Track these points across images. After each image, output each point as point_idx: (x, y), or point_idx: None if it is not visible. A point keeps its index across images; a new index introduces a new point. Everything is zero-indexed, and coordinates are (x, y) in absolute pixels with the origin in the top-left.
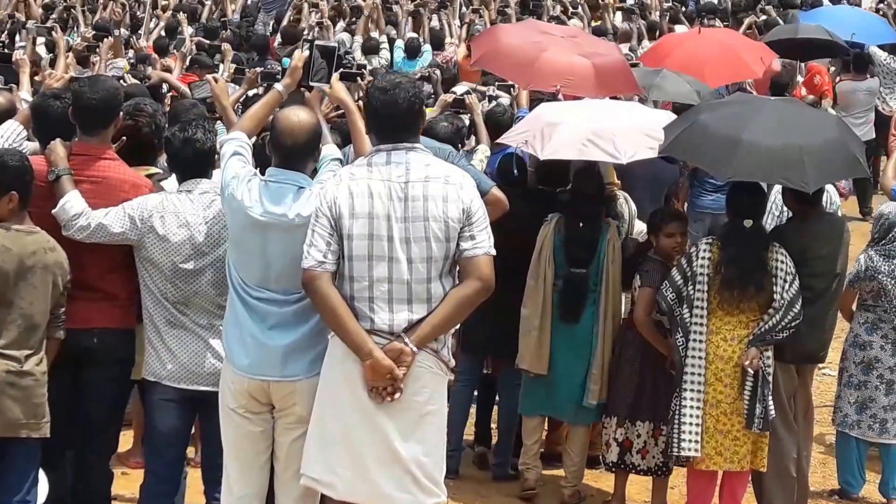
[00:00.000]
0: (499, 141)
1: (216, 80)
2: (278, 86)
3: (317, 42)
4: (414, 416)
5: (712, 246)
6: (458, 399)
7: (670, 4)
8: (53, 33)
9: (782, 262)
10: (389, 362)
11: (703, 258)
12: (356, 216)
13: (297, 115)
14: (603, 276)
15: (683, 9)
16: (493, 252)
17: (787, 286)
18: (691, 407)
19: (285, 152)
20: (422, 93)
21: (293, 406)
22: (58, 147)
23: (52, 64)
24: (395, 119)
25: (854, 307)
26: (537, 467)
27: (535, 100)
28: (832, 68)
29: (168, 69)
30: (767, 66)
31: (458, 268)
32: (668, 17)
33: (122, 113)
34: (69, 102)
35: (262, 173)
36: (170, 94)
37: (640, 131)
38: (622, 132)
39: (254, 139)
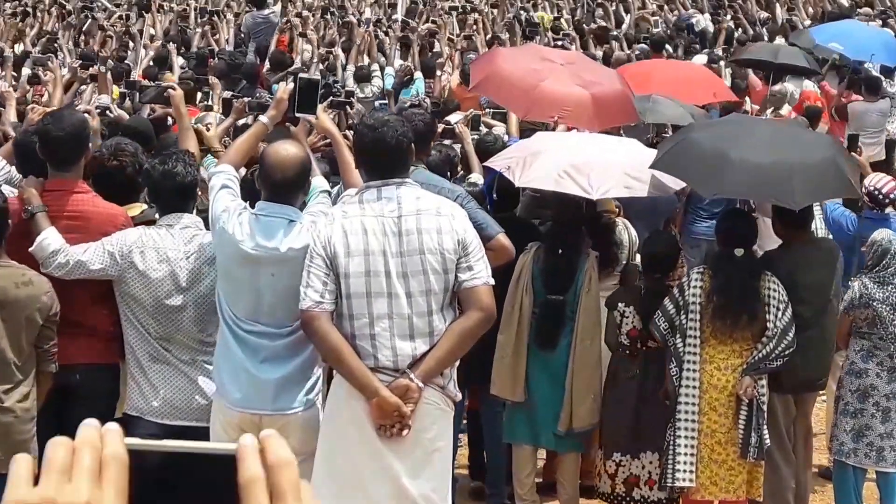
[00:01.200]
0: (486, 164)
1: (174, 90)
2: (263, 118)
3: (301, 74)
4: (422, 454)
5: (704, 275)
6: None
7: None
8: (49, 63)
9: (774, 290)
10: (396, 400)
11: (694, 287)
12: (352, 254)
13: (286, 150)
14: (579, 305)
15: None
16: (492, 281)
17: (780, 314)
18: (686, 437)
19: (275, 186)
20: (409, 130)
21: (286, 439)
22: (30, 185)
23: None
24: (383, 157)
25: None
26: (535, 502)
27: (528, 129)
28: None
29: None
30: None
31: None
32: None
33: (105, 153)
34: None
35: (252, 206)
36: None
37: (621, 169)
38: (600, 168)
39: (243, 172)
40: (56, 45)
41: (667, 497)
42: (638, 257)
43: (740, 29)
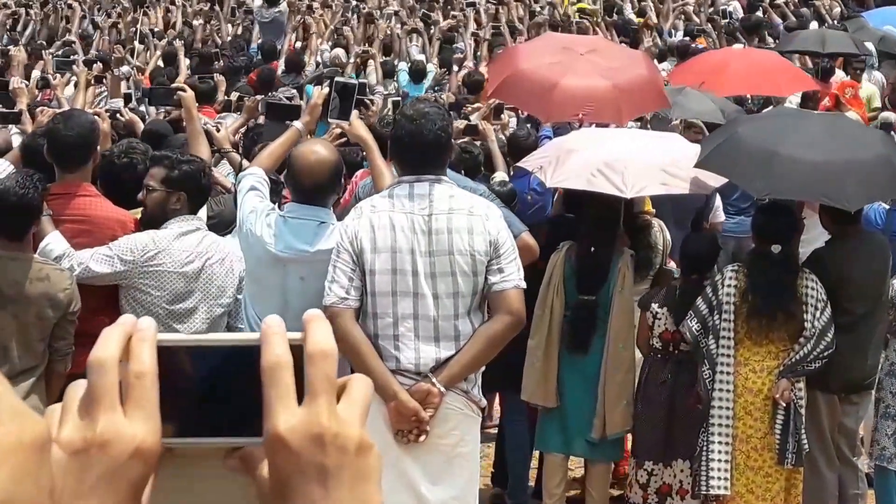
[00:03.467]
0: (518, 164)
1: (185, 91)
2: (297, 124)
3: (337, 78)
4: (442, 460)
5: (738, 273)
6: None
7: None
8: (75, 67)
9: (813, 288)
10: (415, 404)
11: (728, 286)
12: (378, 250)
13: (316, 153)
14: (612, 305)
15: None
16: (524, 285)
17: (818, 314)
18: (720, 443)
19: (305, 189)
20: (450, 125)
21: None
22: None
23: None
24: (419, 150)
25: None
26: None
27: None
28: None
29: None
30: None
31: (486, 303)
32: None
33: (115, 152)
34: None
35: (280, 208)
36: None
37: (657, 166)
38: (636, 165)
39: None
40: (74, 47)
41: None
42: (671, 263)
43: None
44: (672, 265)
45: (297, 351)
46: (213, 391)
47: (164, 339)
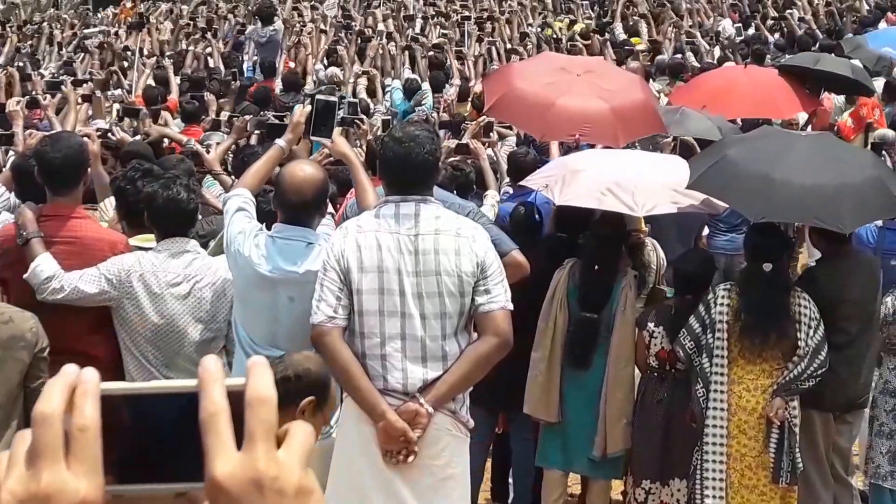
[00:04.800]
0: (522, 183)
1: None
2: (280, 141)
3: (318, 96)
4: (432, 481)
5: (731, 292)
6: (472, 455)
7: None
8: (63, 87)
9: (805, 307)
10: (403, 424)
11: (721, 305)
12: (365, 270)
13: (304, 171)
14: (615, 324)
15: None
16: (510, 306)
17: (811, 332)
18: (714, 461)
19: (292, 208)
20: (438, 148)
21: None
22: (25, 211)
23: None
24: (407, 172)
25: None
26: None
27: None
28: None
29: (166, 122)
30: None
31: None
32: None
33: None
34: None
35: (267, 229)
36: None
37: (666, 185)
38: (645, 184)
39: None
40: (72, 68)
41: None
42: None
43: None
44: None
45: (239, 396)
46: (156, 438)
47: (106, 388)
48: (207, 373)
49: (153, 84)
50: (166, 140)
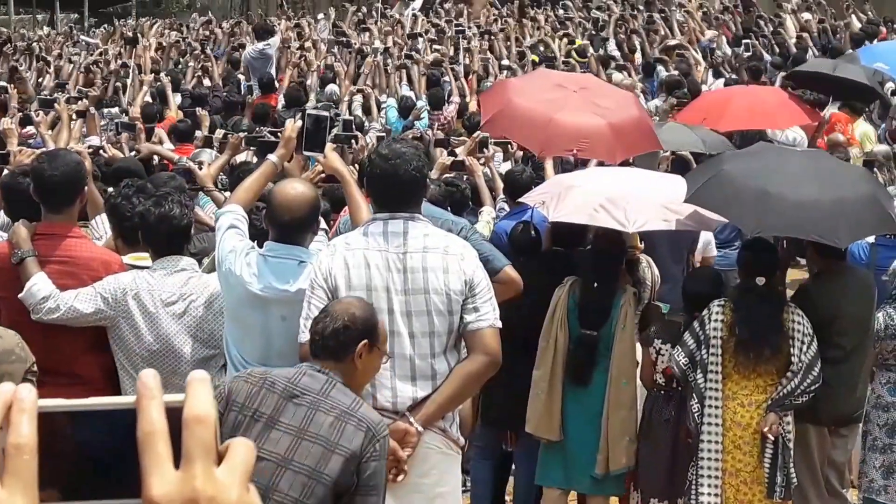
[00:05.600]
0: (520, 200)
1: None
2: (272, 157)
3: (309, 111)
4: (422, 500)
5: (725, 307)
6: (479, 475)
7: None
8: (56, 105)
9: (799, 323)
10: (393, 443)
11: (715, 320)
12: (353, 288)
13: (295, 189)
14: (614, 342)
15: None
16: (499, 324)
17: (804, 348)
18: (709, 476)
19: (284, 226)
20: (426, 165)
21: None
22: (20, 229)
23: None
24: (394, 189)
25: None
26: None
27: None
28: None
29: (160, 140)
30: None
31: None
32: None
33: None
34: None
35: (259, 247)
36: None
37: (658, 202)
38: (637, 200)
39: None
40: (65, 86)
41: None
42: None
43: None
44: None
45: (179, 412)
46: (95, 454)
47: (44, 405)
48: (145, 389)
49: (150, 101)
50: (156, 157)
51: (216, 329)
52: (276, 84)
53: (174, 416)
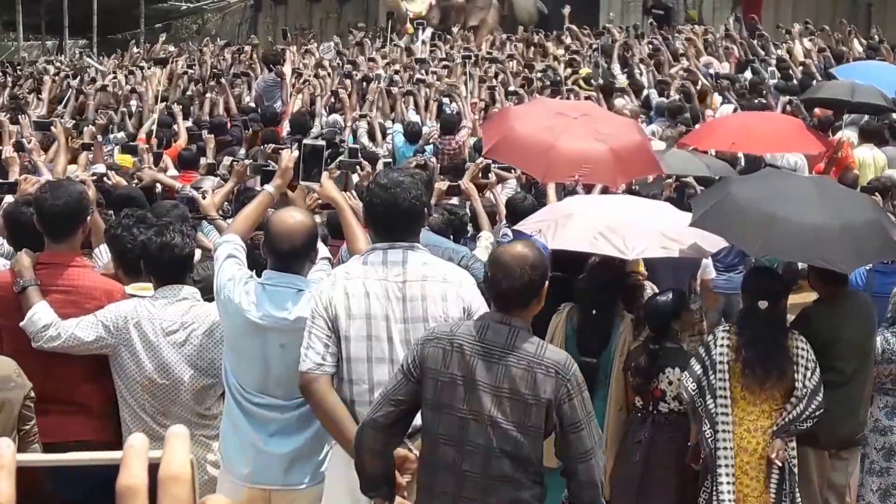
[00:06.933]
0: (516, 228)
1: (204, 197)
2: (269, 187)
3: (306, 141)
4: None
5: (730, 332)
6: None
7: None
8: (53, 128)
9: (803, 349)
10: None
11: (721, 346)
12: (353, 317)
13: (293, 217)
14: (612, 368)
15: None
16: None
17: (808, 374)
18: (729, 501)
19: (282, 255)
20: (424, 194)
21: None
22: (23, 258)
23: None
24: (393, 219)
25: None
26: None
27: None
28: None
29: (166, 167)
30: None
31: None
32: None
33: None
34: None
35: (258, 275)
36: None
37: (656, 230)
38: (635, 228)
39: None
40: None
41: None
42: None
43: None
44: None
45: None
46: None
47: (23, 460)
48: (130, 448)
49: (158, 127)
50: (159, 186)
51: (216, 358)
52: (279, 118)
53: (154, 471)
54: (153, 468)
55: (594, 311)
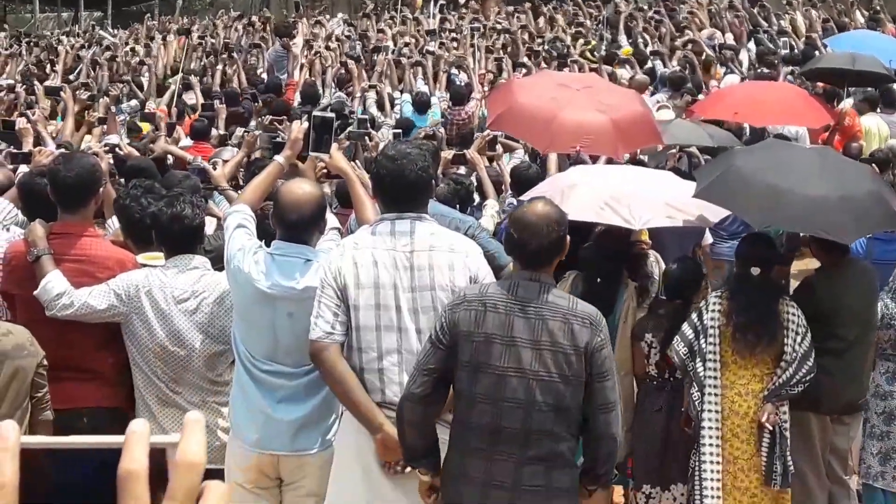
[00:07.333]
0: (521, 198)
1: (215, 168)
2: (279, 157)
3: (315, 113)
4: None
5: (722, 297)
6: None
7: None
8: (62, 93)
9: (794, 314)
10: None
11: (713, 311)
12: (362, 286)
13: (302, 188)
14: (617, 335)
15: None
16: None
17: (798, 339)
18: (711, 462)
19: (291, 225)
20: (431, 165)
21: (303, 479)
22: (36, 228)
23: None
24: (401, 189)
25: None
26: None
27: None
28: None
29: (179, 138)
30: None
31: None
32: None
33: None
34: None
35: (267, 245)
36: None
37: (661, 199)
38: (640, 198)
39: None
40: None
41: None
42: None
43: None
44: None
45: (162, 453)
46: (79, 490)
47: (27, 442)
48: (132, 434)
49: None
50: (170, 158)
51: (227, 325)
52: (283, 89)
53: (156, 456)
54: (154, 453)
55: (599, 280)
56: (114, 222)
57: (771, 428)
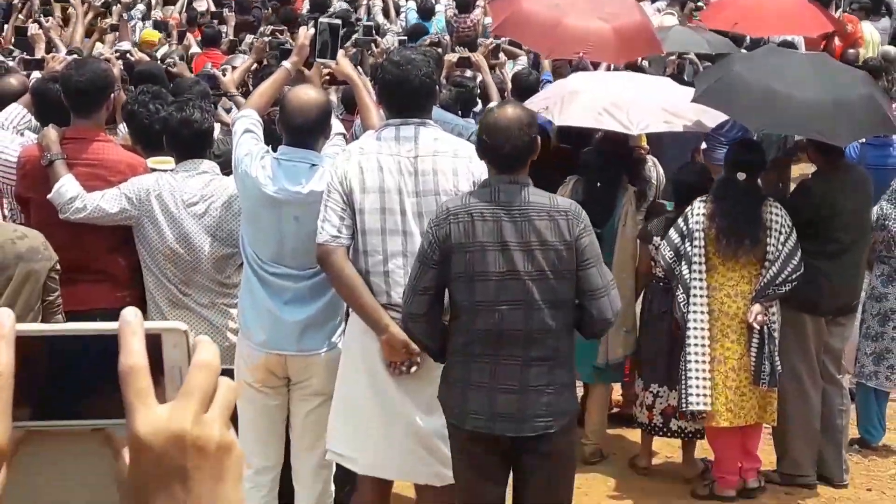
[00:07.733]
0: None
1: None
2: (286, 63)
3: (321, 19)
4: (432, 391)
5: (706, 201)
6: None
7: None
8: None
9: (777, 214)
10: (404, 337)
11: (697, 214)
12: (367, 190)
13: (308, 94)
14: (616, 238)
15: None
16: None
17: (782, 238)
18: (696, 361)
19: (297, 131)
20: (434, 71)
21: (309, 379)
22: (50, 132)
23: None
24: (405, 95)
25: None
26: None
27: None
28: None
29: (189, 45)
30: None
31: None
32: None
33: (141, 100)
34: None
35: (273, 150)
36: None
37: (658, 105)
38: (639, 104)
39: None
40: None
41: (702, 428)
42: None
43: None
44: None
45: (157, 340)
46: (74, 375)
47: (22, 329)
48: (127, 325)
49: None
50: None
51: (234, 228)
52: None
53: (151, 343)
54: (149, 339)
55: (599, 184)
56: (124, 128)
57: (758, 328)
